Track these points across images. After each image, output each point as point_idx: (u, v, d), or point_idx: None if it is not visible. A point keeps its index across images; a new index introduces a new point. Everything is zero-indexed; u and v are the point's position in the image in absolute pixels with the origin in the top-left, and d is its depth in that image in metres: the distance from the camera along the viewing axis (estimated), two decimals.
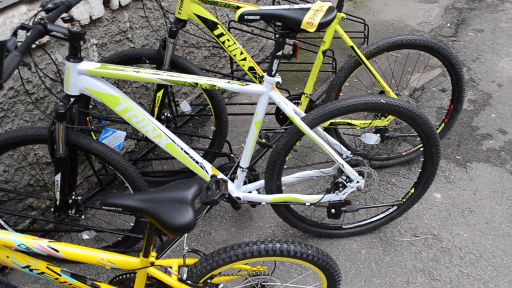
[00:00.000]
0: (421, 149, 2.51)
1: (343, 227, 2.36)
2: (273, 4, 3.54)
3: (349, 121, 2.48)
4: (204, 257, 1.58)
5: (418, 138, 2.08)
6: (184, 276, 1.56)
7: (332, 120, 2.46)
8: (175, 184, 1.44)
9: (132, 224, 2.22)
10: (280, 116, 2.65)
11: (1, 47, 1.30)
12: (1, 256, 1.47)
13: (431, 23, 4.18)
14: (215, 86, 1.80)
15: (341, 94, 2.52)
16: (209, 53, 3.24)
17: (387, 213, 2.35)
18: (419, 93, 3.29)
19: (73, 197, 2.03)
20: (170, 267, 1.60)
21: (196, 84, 1.79)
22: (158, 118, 2.37)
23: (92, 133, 2.45)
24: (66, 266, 2.17)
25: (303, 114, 1.99)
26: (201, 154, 2.63)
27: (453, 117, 2.64)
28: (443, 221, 2.44)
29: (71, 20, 1.83)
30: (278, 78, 1.82)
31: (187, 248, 1.67)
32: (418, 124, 2.01)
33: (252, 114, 2.71)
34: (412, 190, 2.28)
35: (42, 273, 1.53)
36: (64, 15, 1.81)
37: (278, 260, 1.64)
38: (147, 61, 2.26)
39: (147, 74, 1.77)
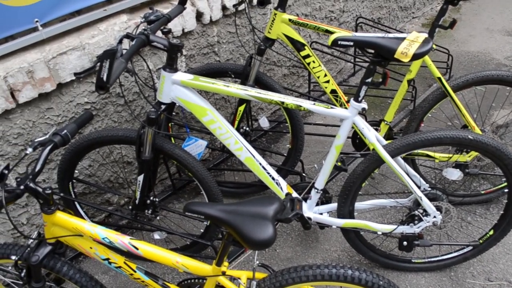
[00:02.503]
0: (505, 190, 2.39)
1: (413, 261, 2.29)
2: (356, 30, 3.54)
3: (428, 152, 2.42)
4: (274, 273, 1.58)
5: (504, 179, 1.98)
6: None
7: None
8: (257, 199, 1.47)
9: (201, 230, 2.27)
10: (357, 140, 2.63)
11: (112, 54, 1.40)
12: (85, 246, 1.57)
13: None
14: (300, 106, 1.82)
15: (422, 125, 2.46)
16: (288, 72, 3.29)
17: (461, 252, 2.25)
18: (503, 130, 3.13)
19: (151, 198, 2.12)
20: (239, 279, 1.63)
21: (283, 103, 1.82)
22: (237, 131, 2.42)
23: (172, 139, 2.55)
24: (137, 262, 2.28)
25: (385, 142, 1.96)
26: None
27: None
28: None
29: (169, 32, 1.93)
30: (364, 104, 1.81)
31: (257, 262, 1.69)
32: (505, 164, 1.92)
33: (327, 135, 2.72)
34: (491, 232, 2.17)
35: (119, 267, 1.61)
36: (162, 26, 1.92)
37: (345, 287, 1.62)
38: (232, 76, 2.33)
39: (236, 89, 1.83)
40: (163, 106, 1.88)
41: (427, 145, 1.88)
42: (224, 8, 2.58)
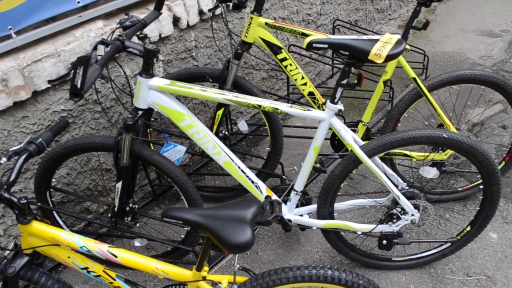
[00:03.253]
0: (480, 186, 2.44)
1: (393, 259, 2.31)
2: (333, 32, 3.57)
3: (406, 152, 2.45)
4: (254, 276, 1.59)
5: (479, 176, 2.02)
6: None
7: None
8: (235, 202, 1.48)
9: (182, 236, 2.27)
10: (335, 142, 2.65)
11: (86, 61, 1.39)
12: (63, 256, 1.55)
13: (494, 57, 4.07)
14: (278, 109, 1.83)
15: (399, 125, 2.50)
16: (267, 75, 3.30)
17: (439, 249, 2.29)
18: (478, 128, 3.19)
19: (130, 205, 2.11)
20: (220, 283, 1.63)
21: (260, 106, 1.83)
22: (216, 135, 2.42)
23: (151, 144, 2.54)
24: (116, 270, 2.25)
25: (362, 143, 1.99)
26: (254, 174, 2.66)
27: None
28: (498, 263, 2.35)
29: (145, 37, 1.92)
30: (340, 106, 1.83)
31: (238, 266, 1.69)
32: (479, 162, 1.96)
33: (306, 137, 2.74)
34: (468, 228, 2.21)
35: (99, 276, 1.59)
36: (138, 32, 1.91)
37: (326, 287, 1.64)
38: (210, 80, 2.34)
39: (213, 93, 1.83)
40: (140, 112, 1.88)
41: (403, 144, 1.91)
42: (201, 12, 2.58)
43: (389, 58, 1.63)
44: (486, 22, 4.67)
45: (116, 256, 1.53)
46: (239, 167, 2.00)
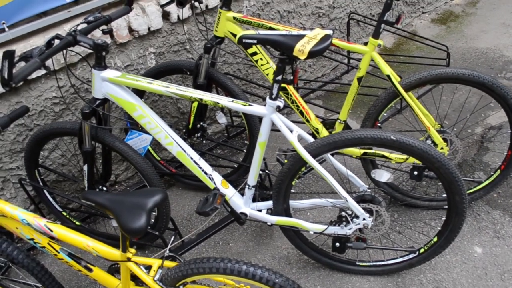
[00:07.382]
0: (443, 195, 2.26)
1: (357, 263, 2.24)
2: (348, 26, 3.45)
3: (384, 153, 2.35)
4: (179, 264, 1.66)
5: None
6: (156, 277, 1.66)
7: (366, 150, 2.36)
8: (143, 190, 1.59)
9: (152, 220, 2.37)
10: None
11: (10, 55, 1.54)
12: (11, 226, 1.73)
13: None
14: (218, 103, 1.87)
15: (378, 124, 2.39)
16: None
17: (406, 258, 2.18)
18: (494, 132, 2.93)
19: (100, 187, 2.27)
20: (151, 266, 1.72)
21: (201, 99, 1.88)
22: (193, 128, 2.50)
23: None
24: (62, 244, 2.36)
25: (312, 140, 1.96)
26: (236, 166, 2.71)
27: (511, 165, 2.32)
28: (475, 280, 2.18)
29: (110, 32, 2.04)
30: (279, 102, 1.82)
31: (167, 252, 1.77)
32: (437, 168, 1.84)
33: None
34: (435, 239, 2.08)
35: (44, 247, 1.76)
36: (104, 27, 2.04)
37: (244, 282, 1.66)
38: (188, 73, 2.41)
39: (158, 86, 1.91)
40: (98, 102, 2.01)
41: (349, 144, 1.85)
42: (192, 7, 2.65)
43: (312, 54, 1.60)
44: None
45: (52, 231, 1.68)
46: (191, 158, 2.07)
